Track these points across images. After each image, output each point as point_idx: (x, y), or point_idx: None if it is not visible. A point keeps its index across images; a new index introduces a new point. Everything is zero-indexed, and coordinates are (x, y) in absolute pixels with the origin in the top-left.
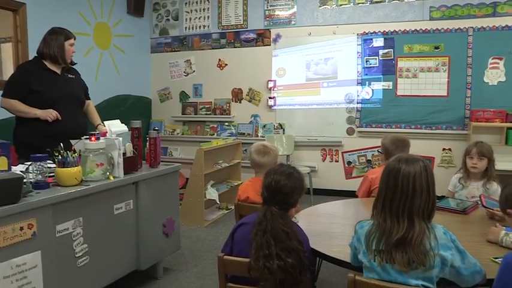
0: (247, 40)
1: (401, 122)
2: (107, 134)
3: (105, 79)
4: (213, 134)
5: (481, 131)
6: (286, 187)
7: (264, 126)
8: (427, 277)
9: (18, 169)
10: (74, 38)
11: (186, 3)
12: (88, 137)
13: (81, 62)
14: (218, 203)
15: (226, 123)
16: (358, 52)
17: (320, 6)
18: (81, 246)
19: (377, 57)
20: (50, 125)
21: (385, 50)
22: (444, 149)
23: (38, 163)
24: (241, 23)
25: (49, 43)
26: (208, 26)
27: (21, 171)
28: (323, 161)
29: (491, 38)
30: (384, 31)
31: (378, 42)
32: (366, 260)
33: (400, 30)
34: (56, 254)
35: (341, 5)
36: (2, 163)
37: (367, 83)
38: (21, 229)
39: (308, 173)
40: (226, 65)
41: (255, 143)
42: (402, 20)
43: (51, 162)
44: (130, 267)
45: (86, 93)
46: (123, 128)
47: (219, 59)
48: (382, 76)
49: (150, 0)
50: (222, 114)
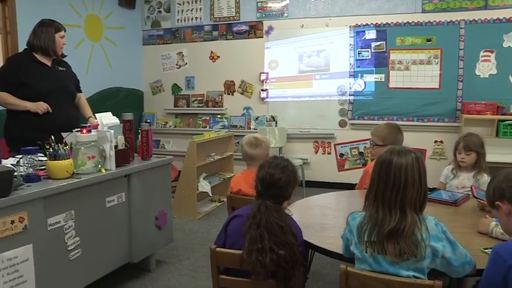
0: (239, 32)
1: (394, 114)
2: (99, 126)
3: (96, 71)
4: (206, 127)
5: (472, 124)
6: (281, 181)
7: (257, 118)
8: (418, 268)
9: (9, 162)
10: (64, 30)
11: None
12: (79, 129)
13: (72, 55)
14: (211, 195)
15: (219, 116)
16: (350, 44)
17: None
18: (73, 239)
19: (369, 50)
20: (41, 117)
21: (378, 43)
22: (436, 141)
23: (29, 156)
24: (234, 15)
25: (39, 35)
26: (200, 18)
27: (12, 165)
28: (315, 153)
29: (482, 31)
30: (377, 23)
31: (371, 34)
32: (357, 251)
33: (392, 22)
34: (48, 247)
35: None
36: None
37: (360, 75)
38: (12, 222)
39: (300, 165)
40: (219, 57)
41: (247, 135)
42: (394, 13)
43: (42, 155)
44: (123, 260)
45: (77, 86)
46: (115, 121)
47: (211, 51)
48: (374, 68)
49: None
50: (215, 107)
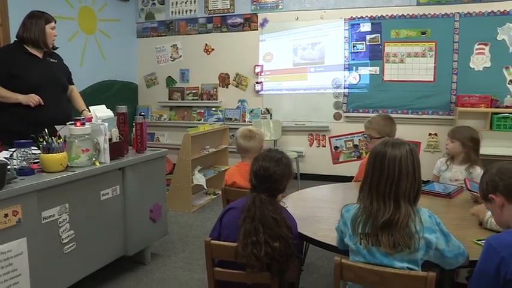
0: (234, 25)
1: (388, 107)
2: (93, 119)
3: (90, 64)
4: (200, 120)
5: (467, 116)
6: (276, 174)
7: (251, 111)
8: (412, 260)
9: (2, 156)
10: (55, 22)
11: None
12: (73, 122)
13: (65, 47)
14: (205, 188)
15: (213, 109)
16: (345, 37)
17: None
18: (68, 232)
19: (364, 42)
20: (33, 110)
21: (372, 35)
22: (430, 134)
23: (22, 149)
24: (228, 7)
25: (29, 27)
26: (194, 11)
27: (5, 158)
28: (310, 146)
29: (477, 24)
30: (371, 16)
31: (365, 27)
32: (351, 243)
33: (387, 15)
34: (42, 241)
35: None
36: None
37: (354, 68)
38: (5, 216)
39: (295, 158)
40: (213, 49)
41: (241, 128)
42: (389, 5)
43: (36, 148)
44: (118, 253)
45: (69, 78)
46: (109, 114)
47: (206, 44)
48: (369, 61)
49: None
50: (209, 100)
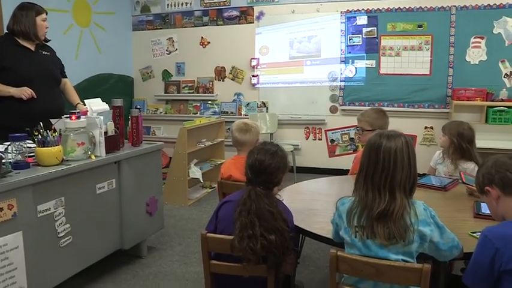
0: (230, 18)
1: (384, 100)
2: (88, 112)
3: (85, 58)
4: (196, 113)
5: (462, 110)
6: (271, 167)
7: (248, 104)
8: (407, 252)
9: None
10: (46, 13)
11: None
12: (68, 115)
13: (60, 40)
14: (202, 181)
15: (210, 102)
16: (341, 30)
17: None
18: (64, 226)
19: (360, 36)
20: (25, 104)
21: (369, 28)
22: (426, 127)
23: (17, 143)
24: (224, 0)
25: (19, 19)
26: (190, 3)
27: None
28: (306, 139)
29: (473, 17)
30: (368, 9)
31: (362, 20)
32: (347, 236)
33: (383, 8)
34: (38, 234)
35: None
36: None
37: (351, 61)
38: (1, 210)
39: (291, 151)
40: (209, 43)
41: (236, 121)
42: None
43: (31, 142)
44: (114, 247)
45: (62, 71)
46: (104, 107)
47: (202, 37)
48: (365, 54)
49: None
50: (205, 93)
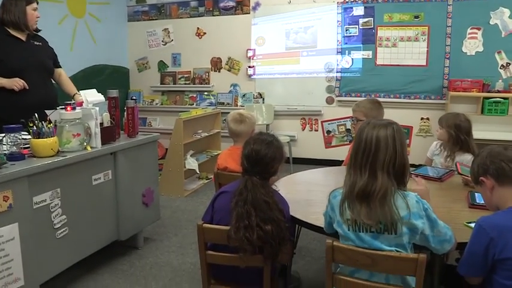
0: (226, 8)
1: (381, 91)
2: (83, 103)
3: (81, 48)
4: (192, 104)
5: (458, 101)
6: (267, 157)
7: (244, 95)
8: (399, 244)
9: None
10: (37, 2)
11: None
12: (63, 107)
13: (55, 31)
14: (198, 172)
15: (206, 93)
16: (338, 21)
17: None
18: (60, 217)
19: (357, 26)
20: (17, 95)
21: (365, 19)
22: (422, 118)
23: (12, 134)
24: None
25: (9, 8)
26: None
27: None
28: (303, 130)
29: (470, 8)
30: (364, 0)
31: (358, 11)
32: (340, 229)
33: None
34: (34, 226)
35: None
36: None
37: (347, 52)
38: None
39: (288, 142)
40: (205, 33)
41: (232, 112)
42: None
43: (26, 133)
44: (111, 238)
45: (55, 61)
46: (100, 98)
47: (198, 28)
48: (361, 45)
49: None
50: (201, 84)
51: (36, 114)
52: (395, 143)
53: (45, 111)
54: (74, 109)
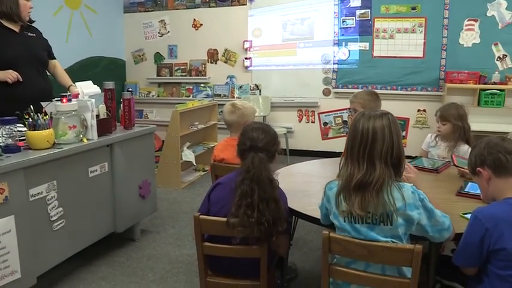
0: None
1: (377, 83)
2: (79, 95)
3: (76, 40)
4: (189, 96)
5: (455, 93)
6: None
7: (240, 87)
8: (395, 235)
9: None
10: None
11: None
12: (59, 98)
13: (50, 22)
14: (195, 164)
15: (202, 85)
16: (335, 12)
17: None
18: (56, 209)
19: (354, 18)
20: (11, 87)
21: (362, 11)
22: (419, 110)
23: (7, 126)
24: None
25: (1, 0)
26: None
27: None
28: (299, 121)
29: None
30: None
31: (355, 2)
32: (336, 221)
33: None
34: (30, 218)
35: None
36: None
37: (344, 43)
38: None
39: (284, 134)
40: (202, 25)
41: (227, 103)
42: None
43: (22, 125)
44: (107, 230)
45: (50, 53)
46: (96, 90)
47: (194, 19)
48: (358, 37)
49: None
50: (198, 76)
51: (31, 106)
52: (391, 133)
53: (41, 103)
54: (69, 101)
